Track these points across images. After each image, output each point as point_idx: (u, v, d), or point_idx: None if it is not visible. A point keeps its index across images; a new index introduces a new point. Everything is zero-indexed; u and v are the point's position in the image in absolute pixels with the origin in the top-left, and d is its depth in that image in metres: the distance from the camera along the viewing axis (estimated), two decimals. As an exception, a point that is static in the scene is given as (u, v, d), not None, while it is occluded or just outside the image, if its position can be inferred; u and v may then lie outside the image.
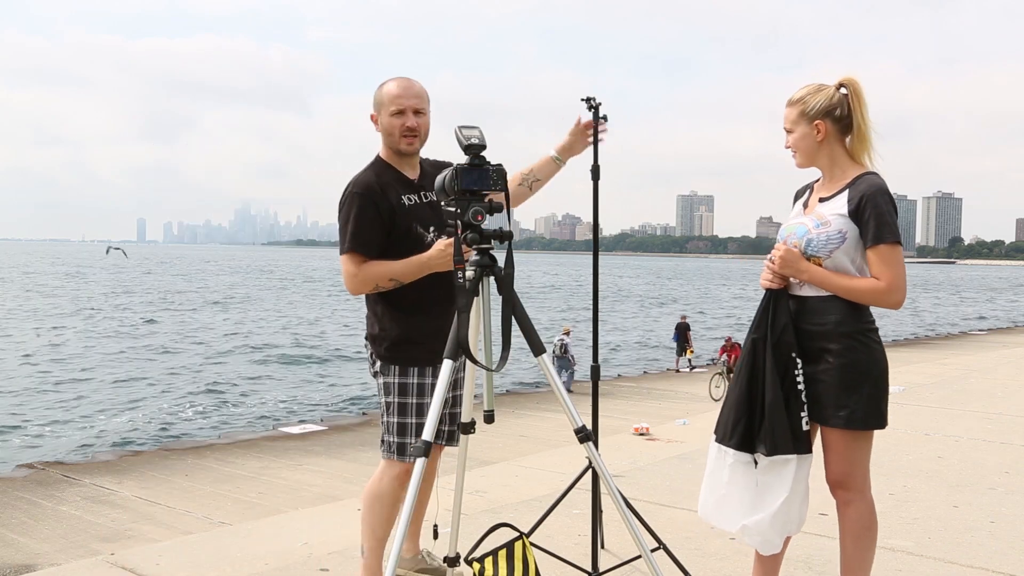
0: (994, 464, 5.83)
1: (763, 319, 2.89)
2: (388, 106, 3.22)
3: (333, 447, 9.16)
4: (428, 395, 3.23)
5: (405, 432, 3.24)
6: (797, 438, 2.81)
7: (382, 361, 3.29)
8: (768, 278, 2.90)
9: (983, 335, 24.55)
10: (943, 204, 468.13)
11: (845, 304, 2.81)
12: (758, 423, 2.84)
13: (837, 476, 2.87)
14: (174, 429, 11.70)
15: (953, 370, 11.72)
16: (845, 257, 2.81)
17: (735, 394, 2.91)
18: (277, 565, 3.91)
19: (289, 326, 28.02)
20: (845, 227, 2.80)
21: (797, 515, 2.88)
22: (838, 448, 2.84)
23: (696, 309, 41.81)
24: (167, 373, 17.20)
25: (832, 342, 2.80)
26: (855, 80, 2.89)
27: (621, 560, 3.61)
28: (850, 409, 2.78)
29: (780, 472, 2.82)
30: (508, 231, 2.84)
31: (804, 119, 2.89)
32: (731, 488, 2.91)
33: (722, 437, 2.94)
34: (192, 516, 6.17)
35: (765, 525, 2.85)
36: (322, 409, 13.42)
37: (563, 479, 4.87)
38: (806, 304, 2.86)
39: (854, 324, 2.81)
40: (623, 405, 11.47)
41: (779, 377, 2.81)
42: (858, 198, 2.78)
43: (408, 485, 3.25)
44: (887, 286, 2.75)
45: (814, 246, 2.83)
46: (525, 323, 2.81)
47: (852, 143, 2.91)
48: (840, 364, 2.79)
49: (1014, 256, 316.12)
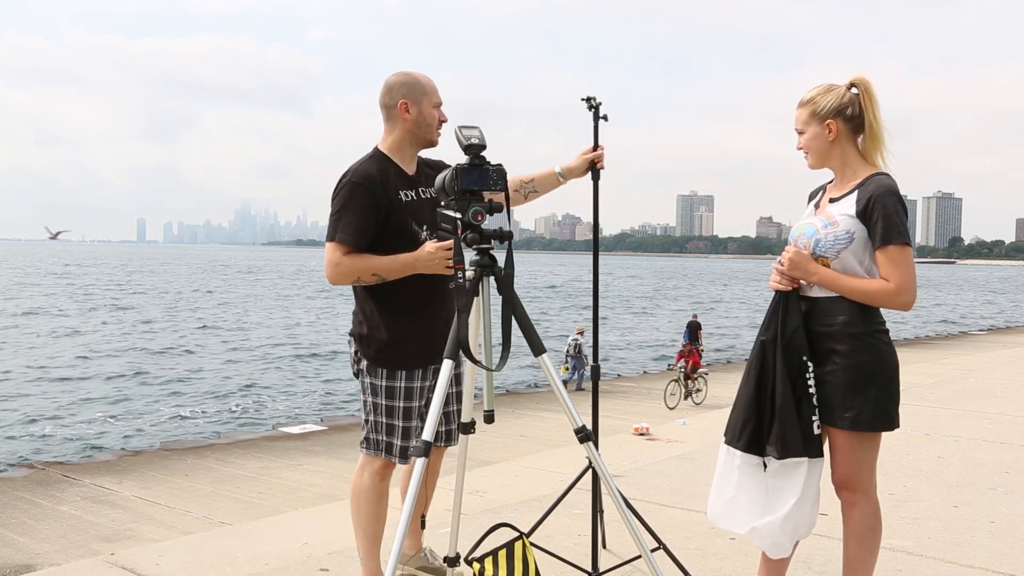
0: (994, 464, 5.83)
1: (772, 321, 2.87)
2: (431, 96, 3.23)
3: (333, 447, 9.16)
4: (415, 398, 3.23)
5: (393, 432, 3.22)
6: (808, 441, 2.78)
7: (369, 362, 3.24)
8: (777, 280, 2.89)
9: (983, 335, 24.55)
10: (943, 204, 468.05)
11: (854, 305, 2.79)
12: (768, 425, 2.82)
13: (843, 477, 2.86)
14: (174, 429, 11.70)
15: (953, 370, 11.72)
16: (853, 258, 2.79)
17: (744, 396, 2.90)
18: (277, 565, 3.91)
19: (289, 326, 28.05)
20: (853, 227, 2.78)
21: (808, 519, 2.86)
22: (844, 449, 2.83)
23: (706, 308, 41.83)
24: (167, 373, 17.22)
25: (840, 343, 2.79)
26: (866, 79, 2.87)
27: (621, 560, 3.61)
28: (856, 411, 2.77)
29: (791, 475, 2.80)
30: (508, 231, 2.84)
31: (815, 119, 2.87)
32: (740, 490, 2.89)
33: (731, 439, 2.92)
34: (192, 516, 6.17)
35: (776, 528, 2.83)
36: (322, 409, 13.43)
37: (563, 479, 4.87)
38: (816, 305, 2.85)
39: (863, 325, 2.79)
40: (623, 405, 11.47)
41: (790, 380, 2.80)
42: (867, 199, 2.77)
43: (388, 480, 3.27)
44: (896, 287, 2.74)
45: (822, 246, 2.82)
46: (525, 323, 2.81)
47: (864, 143, 2.90)
48: (846, 365, 2.77)
49: (1014, 256, 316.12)
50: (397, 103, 3.21)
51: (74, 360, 18.70)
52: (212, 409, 13.19)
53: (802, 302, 2.87)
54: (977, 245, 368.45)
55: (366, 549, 3.30)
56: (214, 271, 77.44)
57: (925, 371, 11.62)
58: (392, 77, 3.26)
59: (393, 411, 3.21)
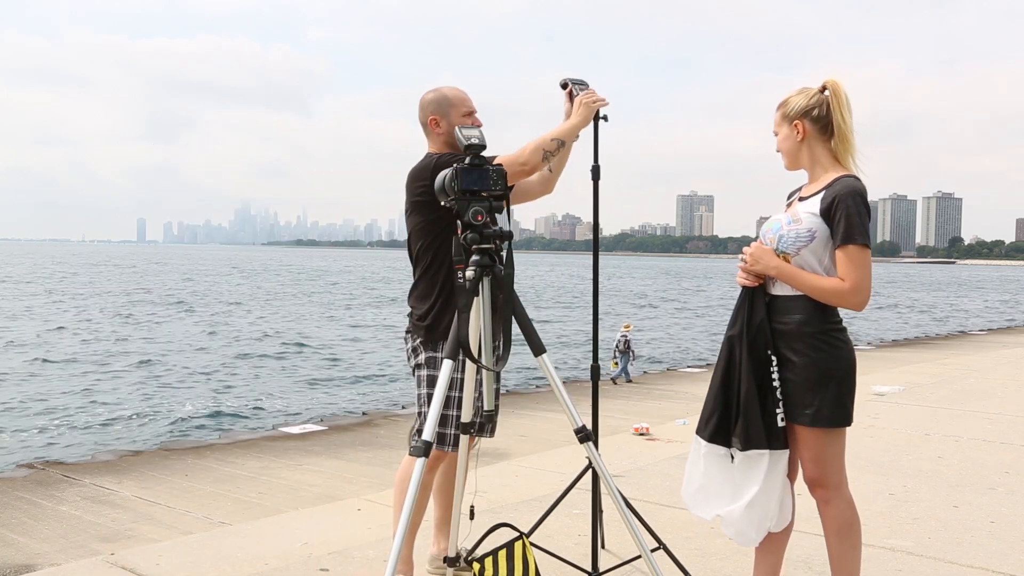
0: (994, 464, 5.83)
1: (739, 316, 2.94)
2: (459, 108, 3.42)
3: (333, 447, 9.16)
4: (457, 389, 3.29)
5: (447, 423, 3.32)
6: (772, 434, 2.86)
7: (428, 353, 3.36)
8: (743, 277, 2.96)
9: (983, 335, 24.56)
10: (943, 204, 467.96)
11: (811, 304, 2.85)
12: (734, 418, 2.90)
13: (812, 475, 2.92)
14: (174, 429, 11.70)
15: (953, 370, 11.72)
16: (812, 256, 2.86)
17: (712, 389, 2.98)
18: (277, 565, 3.92)
19: (288, 325, 28.07)
20: (815, 226, 2.85)
21: (775, 510, 2.92)
22: (808, 445, 2.89)
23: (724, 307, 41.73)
24: (168, 373, 17.22)
25: (797, 341, 2.86)
26: (836, 82, 2.94)
27: (621, 560, 3.61)
28: (815, 407, 2.84)
29: (754, 466, 2.88)
30: (508, 231, 2.85)
31: (786, 120, 2.97)
32: (707, 479, 2.98)
33: (699, 429, 3.02)
34: (192, 516, 6.17)
35: (738, 516, 2.91)
36: (322, 409, 13.43)
37: (563, 479, 4.87)
38: (775, 302, 2.92)
39: (819, 324, 2.86)
40: (623, 405, 11.46)
41: (756, 373, 2.87)
42: (831, 198, 2.83)
43: (436, 471, 3.36)
44: (851, 287, 2.80)
45: (784, 242, 2.89)
46: (525, 323, 2.82)
47: (836, 145, 2.96)
48: (804, 363, 2.84)
49: (1014, 256, 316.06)
50: (428, 119, 3.44)
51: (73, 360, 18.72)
52: (212, 409, 13.20)
53: (766, 298, 2.93)
54: (977, 245, 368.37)
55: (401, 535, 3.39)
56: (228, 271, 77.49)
57: (925, 371, 11.62)
58: (424, 95, 3.49)
59: (449, 401, 3.30)
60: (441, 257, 3.34)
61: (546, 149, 3.28)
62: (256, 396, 14.77)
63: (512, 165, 3.22)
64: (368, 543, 4.21)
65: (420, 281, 3.43)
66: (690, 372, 16.53)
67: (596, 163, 3.62)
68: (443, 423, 3.32)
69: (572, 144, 3.49)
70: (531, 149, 3.27)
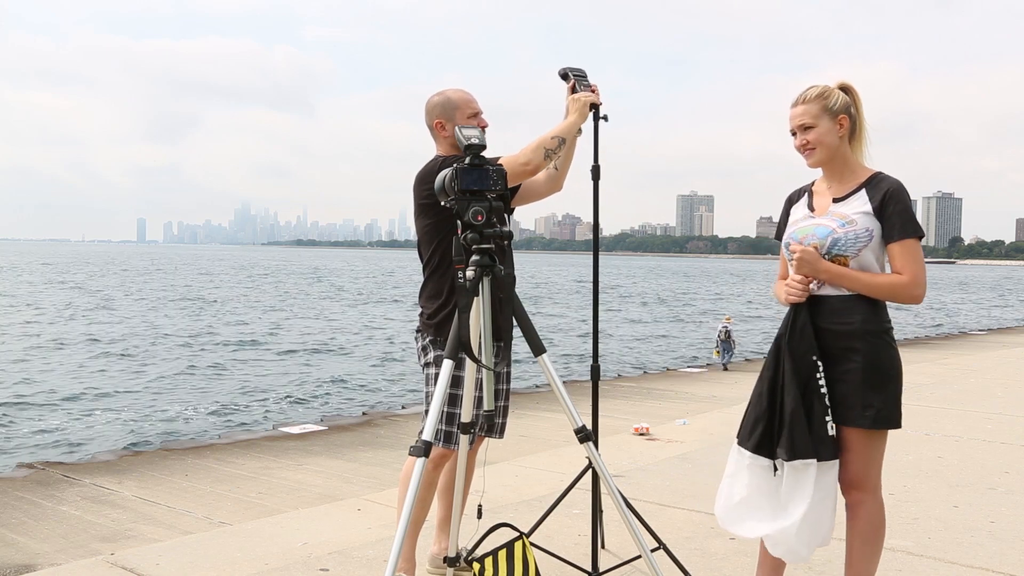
0: (994, 464, 5.83)
1: (785, 321, 2.88)
2: (464, 110, 3.45)
3: (333, 447, 9.15)
4: (463, 388, 3.28)
5: (452, 421, 3.33)
6: (820, 442, 2.76)
7: (437, 352, 3.38)
8: (795, 294, 2.84)
9: (983, 335, 24.54)
10: (943, 204, 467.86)
11: (868, 303, 2.82)
12: (778, 428, 2.81)
13: (854, 476, 2.85)
14: (174, 429, 11.69)
15: (953, 370, 11.72)
16: (871, 255, 2.82)
17: (755, 396, 2.90)
18: (277, 565, 3.92)
19: (288, 325, 28.06)
20: (871, 225, 2.81)
21: (827, 525, 2.83)
22: (858, 448, 2.82)
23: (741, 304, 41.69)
24: (167, 372, 17.22)
25: (858, 341, 2.79)
26: (851, 84, 2.93)
27: (621, 560, 3.61)
28: (876, 408, 2.78)
29: (801, 478, 2.77)
30: (508, 231, 2.85)
31: (828, 114, 2.87)
32: (751, 493, 2.87)
33: (741, 439, 2.92)
34: (192, 516, 6.17)
35: (790, 535, 2.78)
36: (322, 409, 13.43)
37: (563, 479, 4.88)
38: (829, 304, 2.84)
39: (877, 323, 2.82)
40: (623, 405, 11.45)
41: (801, 380, 2.79)
42: (881, 195, 2.81)
43: (441, 469, 3.37)
44: (910, 280, 2.77)
45: (841, 245, 2.82)
46: (525, 323, 2.82)
47: (854, 144, 2.94)
48: (866, 364, 2.78)
49: (1014, 256, 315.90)
50: (434, 123, 3.48)
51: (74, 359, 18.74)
52: (212, 409, 13.20)
53: (812, 301, 2.87)
54: (977, 245, 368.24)
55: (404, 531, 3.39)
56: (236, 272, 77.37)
57: (925, 371, 11.61)
58: (429, 99, 3.51)
59: (456, 399, 3.30)
60: (449, 258, 3.36)
61: (547, 147, 3.29)
62: (256, 396, 14.77)
63: (514, 166, 3.23)
64: (368, 543, 4.21)
65: (429, 281, 3.46)
66: (690, 372, 16.52)
67: (596, 163, 3.62)
68: (450, 422, 3.32)
69: (575, 140, 3.50)
70: (532, 148, 3.28)
